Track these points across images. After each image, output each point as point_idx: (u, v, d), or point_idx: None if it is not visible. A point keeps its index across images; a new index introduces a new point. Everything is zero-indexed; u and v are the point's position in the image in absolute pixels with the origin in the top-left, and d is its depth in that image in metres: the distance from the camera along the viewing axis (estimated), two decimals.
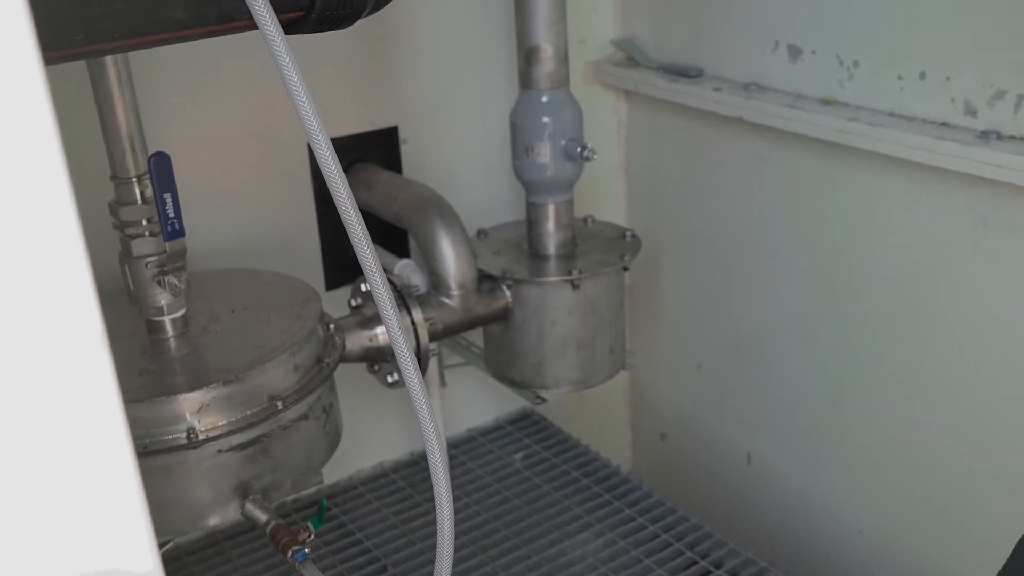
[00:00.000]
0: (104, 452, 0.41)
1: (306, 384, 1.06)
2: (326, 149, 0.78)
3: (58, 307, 0.37)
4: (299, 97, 0.72)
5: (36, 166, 0.36)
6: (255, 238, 1.35)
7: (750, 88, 1.38)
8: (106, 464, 0.41)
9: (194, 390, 0.97)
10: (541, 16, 1.27)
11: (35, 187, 0.36)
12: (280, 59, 0.69)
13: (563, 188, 1.35)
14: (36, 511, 0.40)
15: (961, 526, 1.27)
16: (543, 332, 1.33)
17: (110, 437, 0.41)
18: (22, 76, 0.35)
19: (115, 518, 0.42)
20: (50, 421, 0.39)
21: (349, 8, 0.77)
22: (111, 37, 0.63)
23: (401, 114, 1.44)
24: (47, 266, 0.37)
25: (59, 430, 0.39)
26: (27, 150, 0.35)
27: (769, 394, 1.50)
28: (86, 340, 0.38)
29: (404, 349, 0.86)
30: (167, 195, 0.98)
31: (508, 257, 1.37)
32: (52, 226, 0.37)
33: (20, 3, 0.34)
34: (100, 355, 0.39)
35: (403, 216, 1.31)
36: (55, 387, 0.38)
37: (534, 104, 1.30)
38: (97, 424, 0.40)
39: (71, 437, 0.40)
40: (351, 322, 1.22)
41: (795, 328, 1.43)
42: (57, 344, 0.38)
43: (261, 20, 0.67)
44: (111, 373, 0.40)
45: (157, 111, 1.16)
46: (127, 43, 0.65)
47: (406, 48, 1.42)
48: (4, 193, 0.35)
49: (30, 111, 0.35)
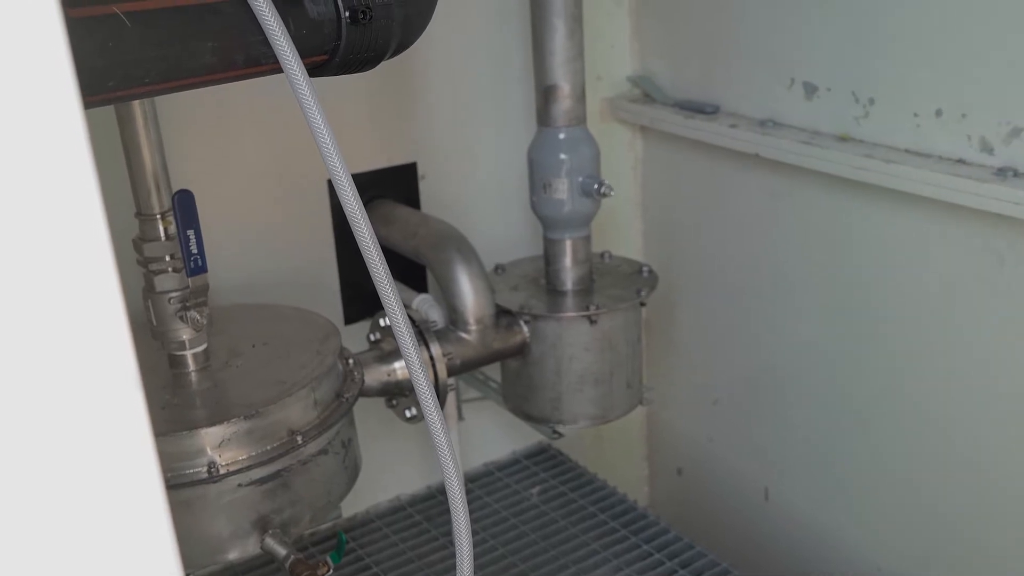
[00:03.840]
0: (137, 489, 0.42)
1: (326, 419, 1.07)
2: (349, 190, 0.79)
3: (96, 348, 0.38)
4: (324, 140, 0.73)
5: (76, 212, 0.37)
6: (275, 273, 1.36)
7: (766, 125, 1.39)
8: (139, 501, 0.42)
9: (215, 424, 0.98)
10: (558, 55, 1.29)
11: (75, 228, 0.37)
12: (305, 102, 0.71)
13: (580, 224, 1.36)
14: (70, 545, 0.40)
15: (982, 564, 1.27)
16: (561, 367, 1.34)
17: (143, 474, 0.42)
18: (65, 124, 0.36)
19: (146, 553, 0.43)
20: (86, 456, 0.40)
21: (372, 52, 0.79)
22: (142, 82, 0.65)
23: (419, 150, 1.46)
24: (86, 307, 0.38)
25: (94, 465, 0.40)
26: (68, 199, 0.37)
27: (786, 429, 1.50)
28: (121, 383, 0.40)
29: (424, 384, 0.87)
30: (191, 232, 0.99)
31: (526, 292, 1.38)
32: (91, 269, 0.38)
33: (64, 55, 0.35)
34: (134, 396, 0.40)
35: (422, 252, 1.32)
36: (91, 426, 0.39)
37: (552, 141, 1.32)
38: (130, 462, 0.41)
39: (106, 473, 0.40)
40: (370, 357, 1.23)
41: (812, 363, 1.43)
42: (93, 384, 0.39)
43: (287, 65, 0.69)
44: (145, 415, 0.41)
45: (180, 149, 1.18)
46: (158, 88, 0.67)
47: (424, 85, 1.44)
48: (47, 234, 0.37)
49: (72, 160, 0.37)
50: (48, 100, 0.35)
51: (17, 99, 0.35)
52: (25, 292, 0.36)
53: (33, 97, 0.35)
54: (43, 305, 0.37)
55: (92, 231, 0.38)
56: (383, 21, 0.78)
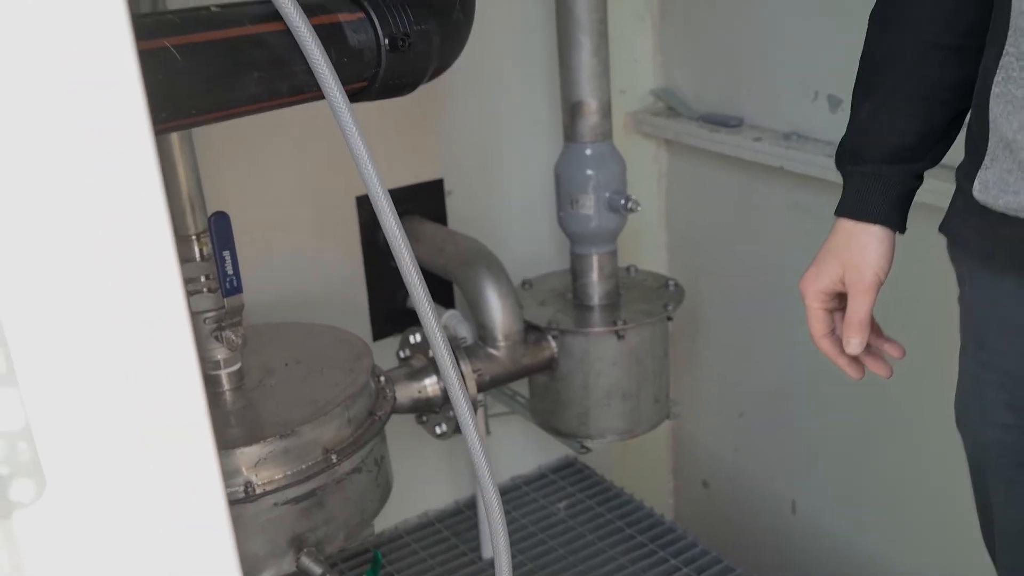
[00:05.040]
0: (205, 506, 0.43)
1: (359, 437, 1.08)
2: (391, 216, 0.77)
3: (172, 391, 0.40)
4: (365, 166, 0.73)
5: (150, 242, 0.39)
6: (305, 290, 1.37)
7: (791, 138, 1.39)
8: (206, 517, 0.43)
9: (251, 444, 0.99)
10: (584, 71, 1.29)
11: (149, 261, 0.39)
12: (347, 130, 0.71)
13: (607, 239, 1.36)
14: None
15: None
16: (588, 382, 1.34)
17: (213, 503, 0.43)
18: (138, 154, 0.38)
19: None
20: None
21: (410, 78, 0.80)
22: (190, 114, 0.66)
23: (446, 167, 1.47)
24: (162, 353, 0.39)
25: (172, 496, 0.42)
26: (142, 225, 0.38)
27: (813, 441, 1.50)
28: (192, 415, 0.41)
29: (465, 408, 0.87)
30: (226, 253, 1.00)
31: (553, 307, 1.38)
32: (164, 296, 0.39)
33: (140, 101, 0.36)
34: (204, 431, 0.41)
35: (450, 268, 1.33)
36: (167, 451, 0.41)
37: (578, 157, 1.32)
38: (199, 482, 0.43)
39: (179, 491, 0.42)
40: (400, 374, 1.24)
41: (838, 376, 1.42)
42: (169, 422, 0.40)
43: (329, 93, 0.69)
44: (211, 439, 0.43)
45: (214, 170, 1.18)
46: (205, 118, 0.67)
47: (451, 102, 1.45)
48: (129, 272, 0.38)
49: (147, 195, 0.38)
50: (125, 130, 0.37)
51: (99, 128, 0.37)
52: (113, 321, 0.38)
53: (113, 128, 0.39)
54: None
55: (162, 261, 0.39)
56: (421, 47, 0.78)
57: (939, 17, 0.77)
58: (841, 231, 0.86)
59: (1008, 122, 0.68)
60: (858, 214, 0.84)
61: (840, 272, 0.85)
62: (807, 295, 0.89)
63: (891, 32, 0.80)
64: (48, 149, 0.37)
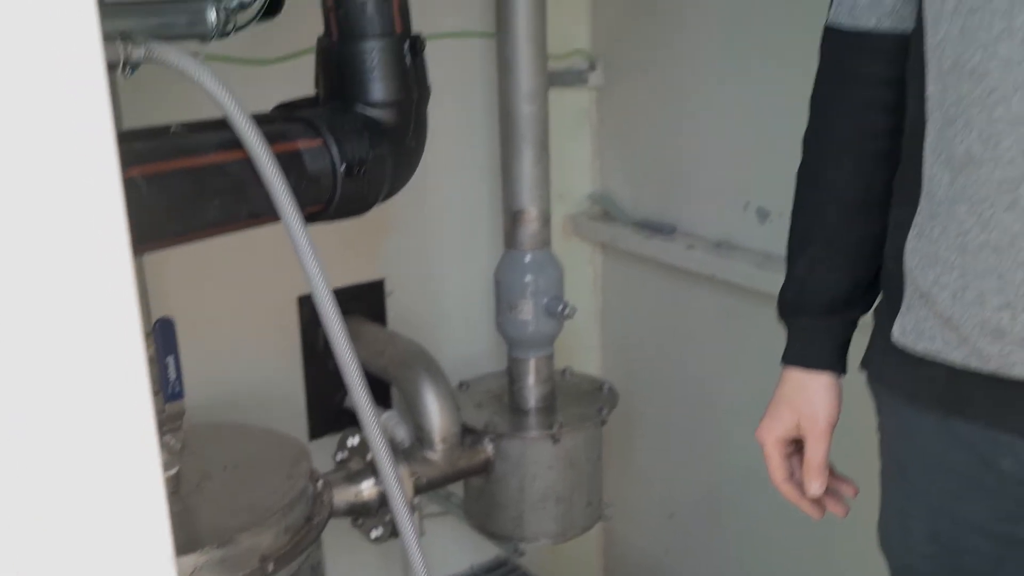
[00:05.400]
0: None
1: (296, 544, 1.07)
2: (335, 319, 0.79)
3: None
4: (319, 286, 0.75)
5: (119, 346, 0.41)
6: (244, 389, 1.36)
7: (721, 247, 1.44)
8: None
9: (188, 553, 0.97)
10: (526, 180, 1.33)
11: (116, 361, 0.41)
12: (302, 251, 0.73)
13: (544, 343, 1.39)
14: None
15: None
16: (524, 485, 1.35)
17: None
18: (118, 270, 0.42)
19: None
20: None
21: (364, 201, 0.82)
22: (149, 241, 0.67)
23: (387, 267, 1.49)
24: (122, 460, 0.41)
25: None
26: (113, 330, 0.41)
27: (743, 544, 1.52)
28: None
29: (403, 509, 0.88)
30: (170, 359, 1.00)
31: (490, 410, 1.39)
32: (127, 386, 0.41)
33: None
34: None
35: (390, 370, 1.34)
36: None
37: (518, 263, 1.35)
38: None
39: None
40: (338, 477, 1.24)
41: (766, 480, 1.46)
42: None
43: (287, 218, 0.71)
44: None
45: (155, 261, 1.18)
46: (163, 243, 0.69)
47: (394, 205, 1.46)
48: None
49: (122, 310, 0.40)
50: (103, 251, 0.42)
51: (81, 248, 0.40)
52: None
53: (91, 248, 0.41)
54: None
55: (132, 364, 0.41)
56: (376, 173, 0.81)
57: (858, 180, 0.81)
58: (790, 380, 0.89)
59: (923, 275, 0.71)
60: (805, 362, 0.87)
61: (795, 420, 0.89)
62: (766, 444, 0.92)
63: (817, 191, 0.85)
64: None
